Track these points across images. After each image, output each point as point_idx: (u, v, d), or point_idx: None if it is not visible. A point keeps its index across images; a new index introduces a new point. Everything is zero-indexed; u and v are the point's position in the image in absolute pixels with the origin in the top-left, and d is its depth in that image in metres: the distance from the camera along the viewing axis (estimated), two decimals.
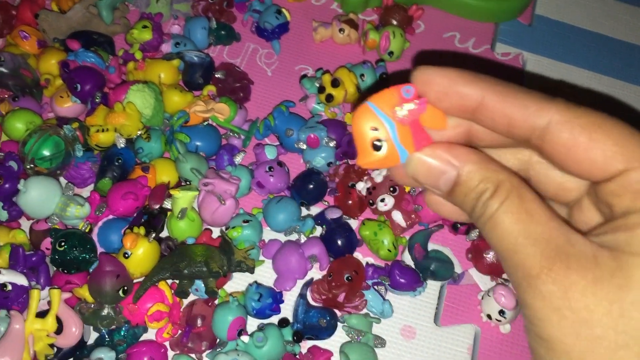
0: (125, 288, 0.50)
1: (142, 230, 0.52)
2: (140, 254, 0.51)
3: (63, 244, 0.50)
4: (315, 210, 0.60)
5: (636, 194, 0.23)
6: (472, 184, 0.25)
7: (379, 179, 0.58)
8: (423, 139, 0.26)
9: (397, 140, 0.26)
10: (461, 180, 0.26)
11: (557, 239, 0.23)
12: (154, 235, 0.51)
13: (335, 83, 0.62)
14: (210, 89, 0.63)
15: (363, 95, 0.63)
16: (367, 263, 0.57)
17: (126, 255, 0.50)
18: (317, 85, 0.64)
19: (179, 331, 0.53)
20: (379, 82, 0.65)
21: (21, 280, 0.49)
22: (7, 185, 0.53)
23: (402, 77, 0.76)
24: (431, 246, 0.59)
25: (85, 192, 0.59)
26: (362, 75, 0.65)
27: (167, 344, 0.52)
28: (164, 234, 0.57)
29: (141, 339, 0.53)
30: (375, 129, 0.26)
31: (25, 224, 0.57)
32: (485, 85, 0.25)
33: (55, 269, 0.53)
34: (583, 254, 0.22)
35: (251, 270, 0.53)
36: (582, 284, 0.22)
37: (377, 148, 0.26)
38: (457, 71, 0.26)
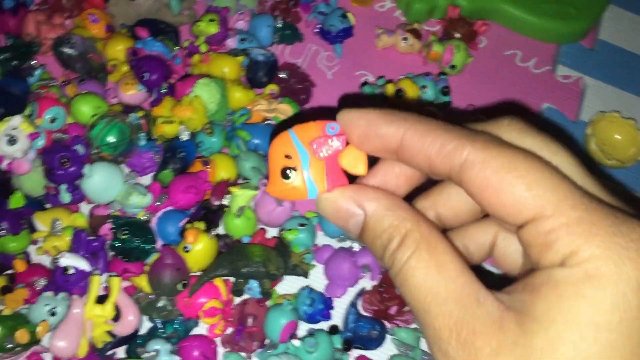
0: (184, 282, 0.50)
1: (202, 225, 0.52)
2: (200, 249, 0.51)
3: (126, 232, 0.50)
4: None
5: (543, 247, 0.21)
6: (379, 230, 0.24)
7: None
8: (337, 179, 0.25)
9: (308, 173, 0.25)
10: (368, 226, 0.25)
11: (466, 298, 0.22)
12: (214, 231, 0.52)
13: (399, 94, 0.62)
14: (273, 88, 0.63)
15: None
16: None
17: (186, 249, 0.50)
18: (379, 93, 0.64)
19: (229, 328, 0.53)
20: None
21: (83, 265, 0.49)
22: (72, 169, 0.53)
23: (466, 93, 0.73)
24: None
25: (143, 181, 0.59)
26: (423, 86, 0.65)
27: (217, 340, 0.53)
28: (219, 230, 0.57)
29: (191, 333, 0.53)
30: (289, 157, 0.25)
31: (83, 208, 0.57)
32: (405, 124, 0.24)
33: (112, 255, 0.53)
34: (489, 317, 0.21)
35: (306, 274, 0.53)
36: (486, 351, 0.21)
37: (287, 177, 0.25)
38: (377, 112, 0.25)
